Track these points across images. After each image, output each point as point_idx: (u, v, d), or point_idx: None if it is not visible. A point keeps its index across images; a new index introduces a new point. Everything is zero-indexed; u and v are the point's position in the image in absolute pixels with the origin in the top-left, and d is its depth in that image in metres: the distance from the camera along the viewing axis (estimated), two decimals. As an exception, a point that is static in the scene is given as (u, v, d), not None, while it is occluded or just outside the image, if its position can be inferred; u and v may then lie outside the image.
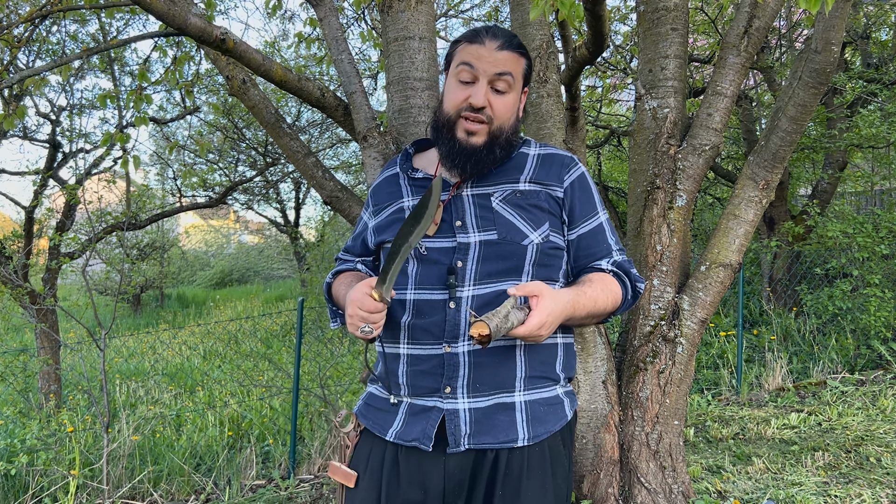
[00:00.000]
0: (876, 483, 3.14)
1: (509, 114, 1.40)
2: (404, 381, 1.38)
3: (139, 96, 3.35)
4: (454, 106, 1.39)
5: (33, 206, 6.50)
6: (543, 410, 1.37)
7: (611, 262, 1.44)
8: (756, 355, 5.88)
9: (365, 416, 1.46)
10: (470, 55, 1.38)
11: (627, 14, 6.88)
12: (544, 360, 1.40)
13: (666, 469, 2.68)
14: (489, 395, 1.34)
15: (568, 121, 2.69)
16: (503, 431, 1.33)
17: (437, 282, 1.36)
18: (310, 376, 5.51)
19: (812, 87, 2.58)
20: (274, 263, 21.81)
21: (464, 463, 1.34)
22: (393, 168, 1.56)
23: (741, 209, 2.74)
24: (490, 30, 1.40)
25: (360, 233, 1.59)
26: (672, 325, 2.72)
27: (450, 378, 1.34)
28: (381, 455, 1.39)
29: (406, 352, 1.39)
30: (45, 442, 3.82)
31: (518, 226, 1.38)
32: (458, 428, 1.32)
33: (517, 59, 1.40)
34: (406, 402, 1.39)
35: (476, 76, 1.37)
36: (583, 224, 1.44)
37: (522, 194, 1.41)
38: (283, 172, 11.24)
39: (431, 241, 1.39)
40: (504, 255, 1.36)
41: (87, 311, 6.70)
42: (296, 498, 3.65)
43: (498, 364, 1.34)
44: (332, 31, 2.72)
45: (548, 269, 1.40)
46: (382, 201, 1.51)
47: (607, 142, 8.42)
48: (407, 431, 1.36)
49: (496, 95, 1.38)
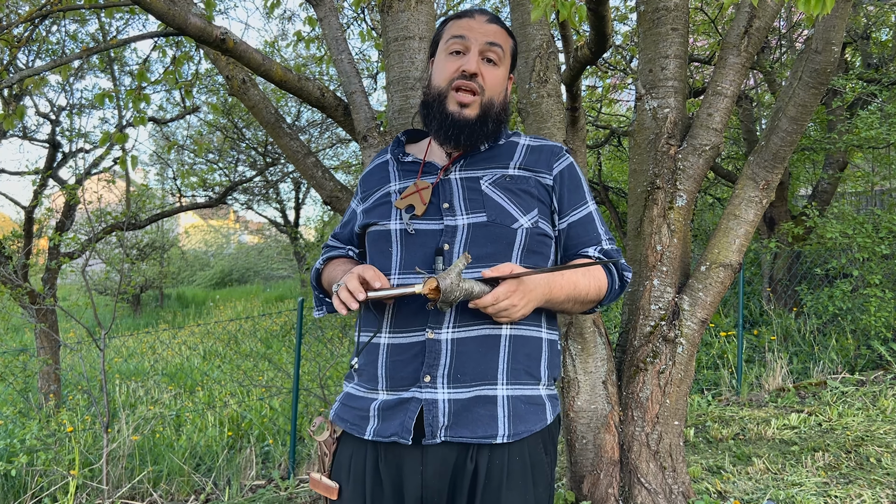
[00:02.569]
0: (876, 483, 3.14)
1: (500, 87, 1.41)
2: (383, 372, 1.34)
3: (138, 96, 3.35)
4: (446, 77, 1.39)
5: (33, 205, 6.50)
6: (524, 408, 1.34)
7: (598, 249, 1.42)
8: (756, 355, 5.88)
9: (342, 419, 1.41)
10: (461, 28, 1.40)
11: (627, 14, 6.88)
12: (529, 353, 1.36)
13: (666, 469, 2.68)
14: (470, 387, 1.30)
15: (568, 121, 2.69)
16: (482, 426, 1.29)
17: (423, 265, 1.33)
18: (310, 376, 5.52)
19: (812, 88, 2.58)
20: (274, 263, 21.80)
21: (443, 470, 1.30)
22: (384, 156, 1.56)
23: (741, 209, 2.74)
24: (478, 9, 1.43)
25: (349, 221, 1.57)
26: (672, 326, 2.72)
27: (430, 366, 1.29)
28: (363, 460, 1.34)
29: (387, 341, 1.35)
30: (44, 442, 3.81)
31: (508, 209, 1.36)
32: (436, 419, 1.28)
33: (506, 35, 1.43)
34: (381, 399, 1.34)
35: (468, 46, 1.38)
36: (572, 213, 1.43)
37: (512, 179, 1.40)
38: (283, 172, 11.24)
39: (418, 222, 1.37)
40: (493, 238, 1.34)
41: (87, 311, 6.70)
42: (295, 498, 3.64)
43: (482, 353, 1.31)
44: (332, 31, 2.72)
45: (536, 257, 1.38)
46: (371, 187, 1.50)
47: (607, 142, 8.42)
48: (385, 427, 1.31)
49: (487, 66, 1.39)
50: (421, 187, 1.40)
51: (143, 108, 3.40)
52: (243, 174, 11.11)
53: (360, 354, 1.41)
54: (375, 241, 1.42)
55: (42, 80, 5.54)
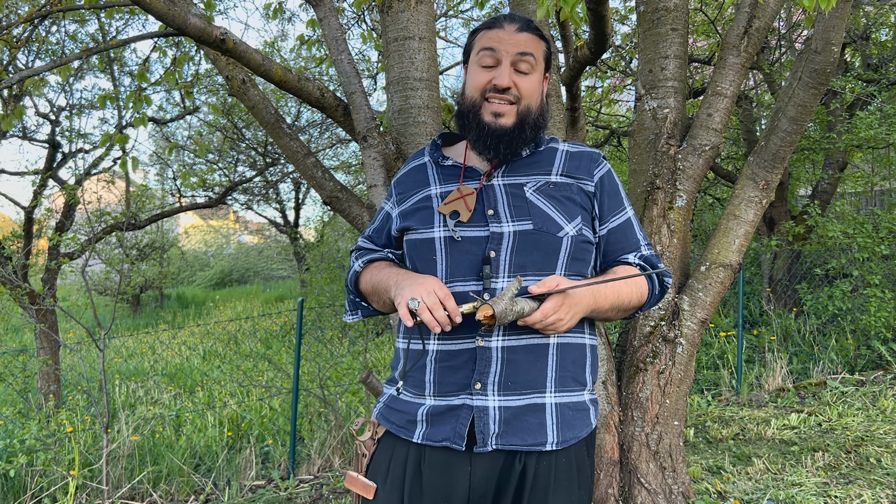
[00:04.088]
0: (876, 484, 3.14)
1: (535, 93, 1.39)
2: (431, 378, 1.34)
3: (138, 97, 3.35)
4: (478, 88, 1.38)
5: (33, 206, 6.50)
6: (572, 415, 1.35)
7: (638, 255, 1.43)
8: (756, 356, 5.88)
9: (387, 420, 1.40)
10: (490, 40, 1.38)
11: (627, 14, 6.88)
12: (575, 359, 1.37)
13: (666, 469, 2.68)
14: (520, 395, 1.31)
15: (568, 121, 2.69)
16: (532, 434, 1.30)
17: (470, 272, 1.33)
18: (309, 377, 5.52)
19: (812, 88, 2.58)
20: (273, 264, 21.81)
21: (490, 473, 1.31)
22: (420, 158, 1.53)
23: (741, 209, 2.74)
24: (507, 16, 1.41)
25: (384, 225, 1.53)
26: (672, 326, 2.72)
27: (481, 373, 1.30)
28: (403, 462, 1.34)
29: (436, 347, 1.34)
30: (44, 442, 3.81)
31: (553, 217, 1.36)
32: (487, 426, 1.28)
33: (537, 41, 1.40)
34: (429, 404, 1.34)
35: (498, 59, 1.36)
36: (612, 219, 1.43)
37: (556, 186, 1.40)
38: (283, 172, 11.24)
39: (463, 229, 1.36)
40: (539, 246, 1.33)
41: (87, 311, 6.69)
42: (295, 498, 3.64)
43: (531, 362, 1.31)
44: (332, 32, 2.72)
45: (580, 264, 1.38)
46: (408, 189, 1.48)
47: (607, 142, 8.42)
48: (436, 432, 1.31)
49: (520, 76, 1.37)
50: (465, 193, 1.39)
51: (143, 108, 3.40)
52: (243, 174, 11.11)
53: (403, 361, 1.40)
54: (418, 248, 1.40)
55: (42, 80, 5.55)
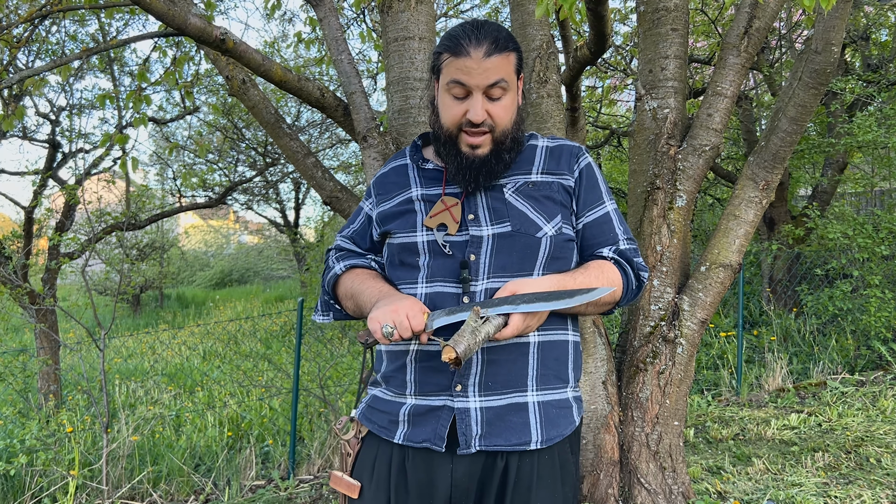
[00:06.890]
0: (876, 484, 3.14)
1: (509, 115, 1.36)
2: (412, 377, 1.35)
3: (138, 97, 3.35)
4: (453, 123, 1.35)
5: (33, 206, 6.50)
6: (555, 413, 1.35)
7: (613, 249, 1.41)
8: (756, 356, 5.88)
9: (369, 420, 1.41)
10: (459, 71, 1.31)
11: (627, 14, 6.88)
12: (557, 357, 1.37)
13: (666, 470, 2.68)
14: (501, 395, 1.31)
15: (568, 121, 2.69)
16: (516, 433, 1.31)
17: (450, 275, 1.34)
18: (309, 377, 5.51)
19: (812, 88, 2.58)
20: (274, 264, 21.80)
21: (472, 470, 1.31)
22: (401, 159, 1.53)
23: (741, 210, 2.74)
24: (472, 36, 1.30)
25: (366, 228, 1.52)
26: (672, 326, 2.72)
27: (462, 375, 1.31)
28: (388, 461, 1.35)
29: (416, 348, 1.35)
30: (44, 442, 3.81)
31: (532, 218, 1.36)
32: (470, 428, 1.29)
33: (506, 59, 1.32)
34: (410, 403, 1.35)
35: (469, 91, 1.32)
36: (589, 213, 1.43)
37: (535, 185, 1.40)
38: (283, 172, 11.24)
39: (447, 235, 1.37)
40: (517, 248, 1.34)
41: (87, 311, 6.70)
42: (295, 498, 3.64)
43: (511, 361, 1.32)
44: (332, 32, 2.72)
45: (560, 262, 1.38)
46: (389, 191, 1.47)
47: (607, 142, 8.42)
48: (416, 433, 1.32)
49: (493, 103, 1.33)
50: (450, 205, 1.38)
51: (143, 108, 3.40)
52: (243, 174, 11.11)
53: (386, 362, 1.41)
54: (400, 252, 1.41)
55: (42, 80, 5.54)
